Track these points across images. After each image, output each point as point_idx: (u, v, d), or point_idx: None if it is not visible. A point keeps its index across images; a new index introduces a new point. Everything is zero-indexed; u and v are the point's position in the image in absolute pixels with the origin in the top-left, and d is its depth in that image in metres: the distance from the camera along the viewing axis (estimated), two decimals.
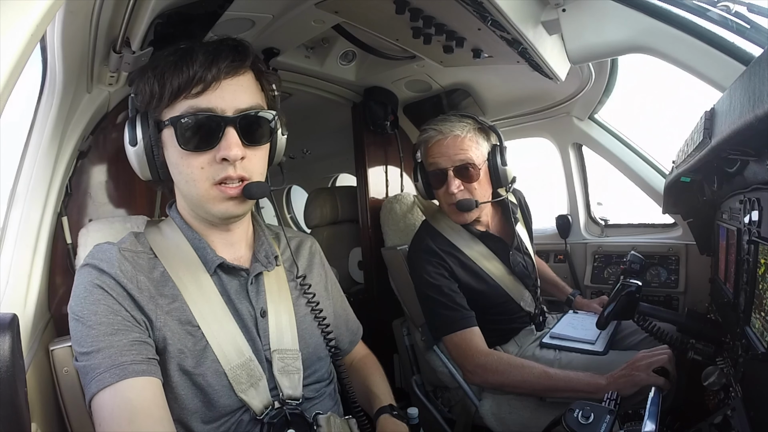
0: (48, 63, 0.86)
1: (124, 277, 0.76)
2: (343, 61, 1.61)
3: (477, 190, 1.44)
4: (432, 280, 1.42)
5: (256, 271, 0.89)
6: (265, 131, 0.83)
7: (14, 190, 0.93)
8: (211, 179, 0.78)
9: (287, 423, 0.80)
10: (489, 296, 1.48)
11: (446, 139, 1.43)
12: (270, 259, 0.92)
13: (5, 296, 0.89)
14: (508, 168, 1.47)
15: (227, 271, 0.87)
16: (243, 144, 0.78)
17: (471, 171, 1.42)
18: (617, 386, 1.09)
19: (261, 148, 0.83)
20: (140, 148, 0.80)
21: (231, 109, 0.78)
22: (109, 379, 0.69)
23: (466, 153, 1.42)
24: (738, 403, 0.73)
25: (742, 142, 0.64)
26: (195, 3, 0.95)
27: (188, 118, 0.76)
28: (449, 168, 1.42)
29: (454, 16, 1.09)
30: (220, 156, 0.76)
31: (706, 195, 1.19)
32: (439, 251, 1.46)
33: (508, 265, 1.52)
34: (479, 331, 1.39)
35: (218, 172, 0.78)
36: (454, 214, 1.48)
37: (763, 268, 0.71)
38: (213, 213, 0.81)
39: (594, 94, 1.74)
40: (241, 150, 0.77)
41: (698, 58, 0.97)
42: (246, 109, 0.79)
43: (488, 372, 1.31)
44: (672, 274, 1.76)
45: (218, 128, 0.77)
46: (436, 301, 1.41)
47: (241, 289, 0.87)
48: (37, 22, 0.44)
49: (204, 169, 0.78)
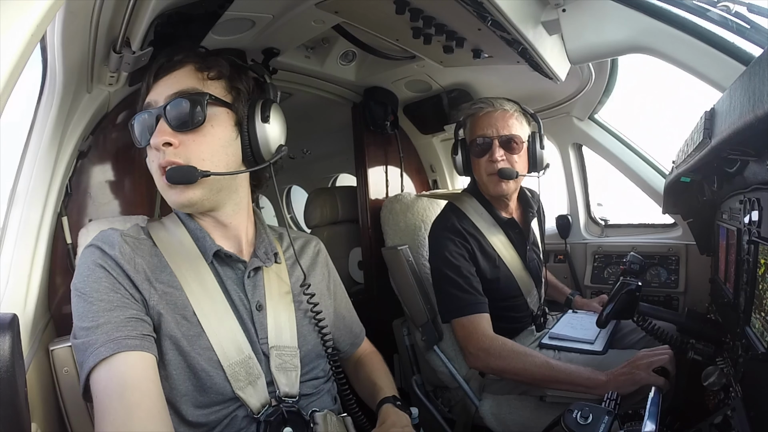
0: (48, 63, 0.86)
1: (122, 258, 0.78)
2: (343, 61, 1.61)
3: (518, 164, 1.48)
4: (452, 259, 1.42)
5: (254, 265, 0.89)
6: (197, 114, 0.79)
7: (14, 190, 0.93)
8: (157, 171, 0.80)
9: (284, 421, 0.80)
10: (502, 287, 1.49)
11: (496, 112, 1.49)
12: (269, 255, 0.93)
13: (5, 296, 0.89)
14: (545, 152, 1.53)
15: (224, 261, 0.88)
16: (174, 131, 0.78)
17: (514, 144, 1.48)
18: (617, 383, 1.09)
19: (198, 133, 0.79)
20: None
21: (163, 100, 0.80)
22: (104, 353, 0.70)
23: (512, 128, 1.48)
24: (738, 403, 0.73)
25: (742, 142, 0.64)
26: (195, 3, 0.95)
27: (135, 116, 0.83)
28: (495, 138, 1.47)
29: (454, 16, 1.09)
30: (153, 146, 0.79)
31: (706, 195, 1.19)
32: (463, 231, 1.47)
33: (524, 259, 1.54)
34: (489, 318, 1.38)
35: (155, 161, 0.80)
36: (493, 182, 1.50)
37: (763, 268, 0.71)
38: (169, 202, 0.82)
39: (594, 94, 1.74)
40: (168, 136, 0.77)
41: (698, 58, 0.97)
42: (173, 95, 0.80)
43: (491, 356, 1.30)
44: (672, 274, 1.75)
45: (151, 120, 0.80)
46: (452, 281, 1.41)
47: (237, 281, 0.88)
48: (37, 22, 0.44)
49: (153, 161, 0.81)
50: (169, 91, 0.80)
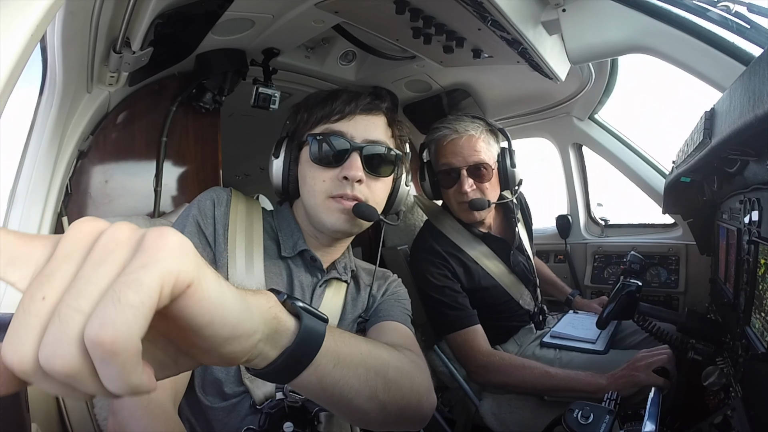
0: (48, 63, 0.86)
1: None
2: (343, 61, 1.61)
3: (489, 190, 1.43)
4: (435, 281, 1.42)
5: (330, 276, 0.92)
6: (387, 166, 0.91)
7: (14, 190, 0.93)
8: (329, 192, 0.86)
9: (285, 415, 0.81)
10: (490, 296, 1.48)
11: (461, 139, 1.42)
12: (347, 270, 0.96)
13: (5, 296, 0.89)
14: (516, 170, 1.47)
15: (306, 264, 0.91)
16: (364, 170, 0.86)
17: (484, 171, 1.42)
18: (617, 386, 1.09)
19: (380, 180, 0.90)
20: (280, 162, 0.91)
21: (360, 138, 0.88)
22: None
23: (480, 154, 1.41)
24: (738, 403, 0.73)
25: (742, 142, 0.64)
26: (195, 3, 0.95)
27: (321, 136, 0.87)
28: (463, 167, 1.41)
29: (454, 16, 1.09)
30: (341, 174, 0.85)
31: (706, 195, 1.19)
32: (442, 252, 1.45)
33: (509, 264, 1.52)
34: (482, 330, 1.39)
35: (337, 188, 0.86)
36: (465, 213, 1.46)
37: (763, 269, 0.71)
38: (324, 222, 0.87)
39: (594, 94, 1.74)
40: (361, 173, 0.85)
41: (698, 58, 0.97)
42: (373, 141, 0.88)
43: (490, 372, 1.32)
44: (672, 274, 1.75)
45: (345, 150, 0.86)
46: (439, 302, 1.42)
47: (309, 285, 0.91)
48: (37, 22, 0.44)
49: (326, 182, 0.86)
50: (367, 132, 0.88)
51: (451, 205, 1.51)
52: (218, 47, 1.20)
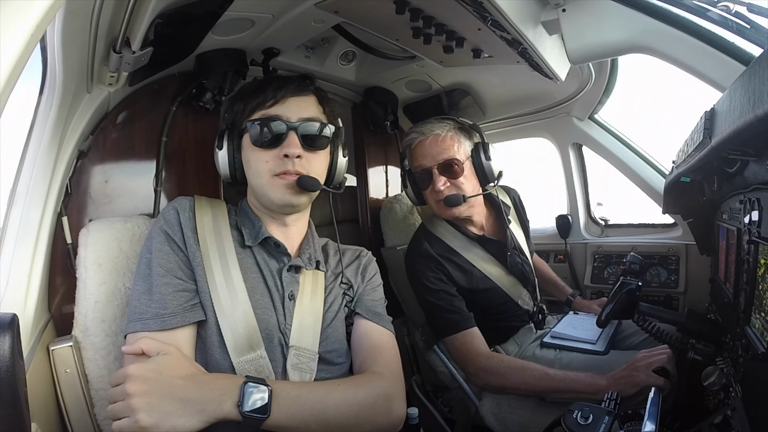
0: (48, 63, 0.86)
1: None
2: (343, 61, 1.61)
3: (464, 185, 1.45)
4: (431, 285, 1.43)
5: (295, 263, 0.97)
6: (323, 140, 0.97)
7: (14, 190, 0.93)
8: (272, 171, 0.93)
9: None
10: (488, 298, 1.48)
11: (427, 139, 1.46)
12: (312, 260, 1.00)
13: (5, 296, 0.89)
14: (492, 163, 1.47)
15: (270, 250, 0.97)
16: (302, 146, 0.93)
17: (455, 167, 1.44)
18: (617, 387, 1.09)
19: (318, 153, 0.97)
20: (224, 152, 0.97)
21: (295, 117, 0.94)
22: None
23: (449, 151, 1.44)
24: (738, 403, 0.73)
25: (742, 142, 0.64)
26: (195, 3, 0.95)
27: (260, 120, 0.93)
28: (433, 166, 1.44)
29: (454, 16, 1.09)
30: (282, 152, 0.92)
31: (706, 195, 1.19)
32: (437, 256, 1.46)
33: (506, 265, 1.52)
34: (479, 332, 1.39)
35: (279, 166, 0.92)
36: (443, 210, 1.47)
37: (763, 269, 0.71)
38: (272, 199, 0.94)
39: (594, 94, 1.74)
40: (299, 150, 0.92)
41: (698, 58, 0.97)
42: (307, 119, 0.95)
43: (490, 375, 1.32)
44: (672, 274, 1.76)
45: (282, 130, 0.93)
46: (435, 306, 1.42)
47: (277, 271, 0.96)
48: (37, 22, 0.44)
49: (268, 162, 0.93)
50: (301, 112, 0.95)
51: (431, 205, 1.52)
52: (218, 47, 1.20)
